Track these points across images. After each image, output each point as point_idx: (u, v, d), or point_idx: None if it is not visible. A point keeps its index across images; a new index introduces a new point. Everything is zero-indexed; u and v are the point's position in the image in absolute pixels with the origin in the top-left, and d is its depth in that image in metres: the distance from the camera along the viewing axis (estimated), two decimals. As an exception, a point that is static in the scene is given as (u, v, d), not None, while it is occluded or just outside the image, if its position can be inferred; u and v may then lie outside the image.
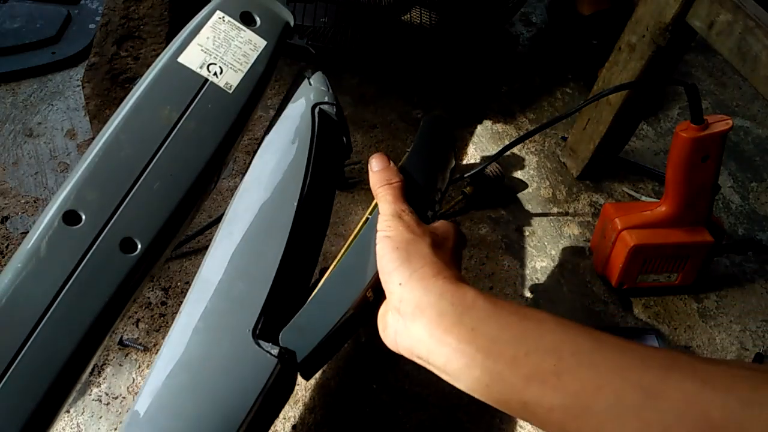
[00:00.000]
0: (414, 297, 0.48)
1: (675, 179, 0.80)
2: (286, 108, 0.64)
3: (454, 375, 0.46)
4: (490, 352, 0.44)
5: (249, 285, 0.53)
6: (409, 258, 0.51)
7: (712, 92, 1.21)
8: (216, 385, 0.49)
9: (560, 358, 0.41)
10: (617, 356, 0.40)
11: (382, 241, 0.53)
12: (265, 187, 0.58)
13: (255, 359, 0.50)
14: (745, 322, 0.88)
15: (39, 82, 1.09)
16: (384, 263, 0.52)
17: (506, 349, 0.43)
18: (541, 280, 0.91)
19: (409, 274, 0.50)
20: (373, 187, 0.58)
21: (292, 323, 0.53)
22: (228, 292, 0.53)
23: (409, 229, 0.54)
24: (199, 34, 0.56)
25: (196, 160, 0.52)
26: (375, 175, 0.59)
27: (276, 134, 0.62)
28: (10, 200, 0.92)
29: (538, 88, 1.18)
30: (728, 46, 0.72)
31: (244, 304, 0.53)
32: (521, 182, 1.03)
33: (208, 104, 0.53)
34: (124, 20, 1.00)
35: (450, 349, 0.45)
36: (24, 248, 0.45)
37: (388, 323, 0.52)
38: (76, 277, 0.45)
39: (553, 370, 0.41)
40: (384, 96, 1.13)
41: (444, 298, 0.47)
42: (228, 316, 0.52)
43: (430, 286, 0.48)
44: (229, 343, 0.51)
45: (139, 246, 0.48)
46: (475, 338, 0.44)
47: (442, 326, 0.46)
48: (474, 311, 0.46)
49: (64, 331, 0.44)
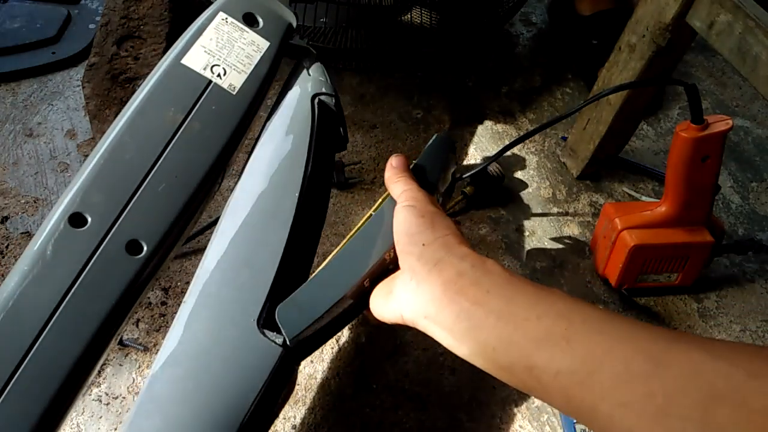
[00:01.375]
0: (435, 256, 0.49)
1: (675, 179, 0.80)
2: (285, 98, 0.64)
3: (459, 337, 0.46)
4: (501, 314, 0.44)
5: (253, 273, 0.54)
6: (434, 224, 0.51)
7: (712, 92, 1.21)
8: (221, 373, 0.49)
9: (571, 323, 0.42)
10: (626, 326, 0.41)
11: (405, 209, 0.53)
12: (266, 177, 0.58)
13: (259, 348, 0.50)
14: (745, 322, 0.88)
15: (39, 82, 1.09)
16: (407, 226, 0.52)
17: (519, 311, 0.44)
18: (541, 280, 0.91)
19: (434, 238, 0.50)
20: (392, 178, 0.59)
21: (289, 299, 0.53)
22: (232, 281, 0.53)
23: (433, 203, 0.55)
24: (202, 35, 0.56)
25: (200, 161, 0.52)
26: (391, 169, 0.59)
27: (276, 124, 0.62)
28: (10, 200, 0.92)
29: (538, 88, 1.19)
30: (728, 46, 0.72)
31: (248, 292, 0.53)
32: (521, 182, 1.03)
33: (212, 105, 0.53)
34: (124, 20, 1.00)
35: (461, 308, 0.45)
36: (30, 251, 0.45)
37: (396, 287, 0.52)
38: (82, 280, 0.45)
39: (564, 334, 0.41)
40: (384, 96, 1.13)
41: (465, 260, 0.48)
42: (232, 305, 0.52)
43: (454, 249, 0.49)
44: (233, 332, 0.51)
45: (144, 248, 0.48)
46: (489, 300, 0.45)
47: (458, 285, 0.46)
48: (492, 276, 0.47)
49: (71, 334, 0.44)
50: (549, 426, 0.75)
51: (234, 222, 0.56)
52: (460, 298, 0.46)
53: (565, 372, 0.40)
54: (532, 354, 0.42)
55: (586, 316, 0.42)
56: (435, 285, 0.47)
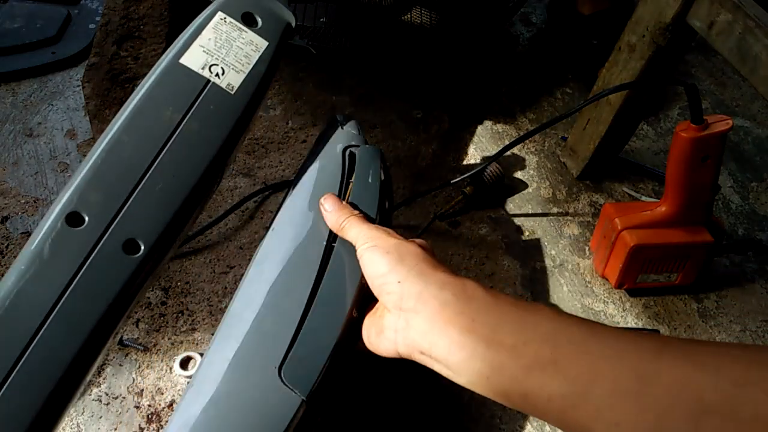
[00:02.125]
0: (415, 290, 0.49)
1: (675, 179, 0.80)
2: (320, 151, 0.67)
3: (455, 368, 0.46)
4: (490, 342, 0.44)
5: (278, 321, 0.54)
6: (402, 258, 0.51)
7: (712, 92, 1.21)
8: (242, 421, 0.50)
9: (557, 345, 0.42)
10: (611, 342, 0.41)
11: (369, 250, 0.53)
12: (298, 225, 0.60)
13: (280, 397, 0.51)
14: (745, 322, 0.88)
15: (39, 82, 1.09)
16: (376, 268, 0.52)
17: (506, 339, 0.43)
18: (541, 280, 0.91)
19: (407, 271, 0.50)
20: (336, 224, 0.59)
21: (289, 359, 0.53)
22: (257, 328, 0.54)
23: (393, 235, 0.55)
24: (200, 35, 0.56)
25: (198, 161, 0.52)
26: (333, 213, 0.60)
27: (308, 176, 0.64)
28: (10, 200, 0.92)
29: (538, 88, 1.18)
30: (728, 46, 0.72)
31: (272, 340, 0.53)
32: (521, 182, 1.03)
33: (210, 105, 0.53)
34: (124, 20, 1.00)
35: (451, 341, 0.45)
36: (27, 250, 0.45)
37: (386, 326, 0.52)
38: (79, 279, 0.45)
39: (551, 357, 0.41)
40: (384, 96, 1.13)
41: (445, 288, 0.48)
42: (256, 352, 0.53)
43: (431, 278, 0.49)
44: (256, 380, 0.51)
45: (142, 247, 0.48)
46: (475, 328, 0.45)
47: (443, 317, 0.46)
48: (474, 302, 0.46)
49: (68, 333, 0.44)
50: (549, 426, 0.75)
51: (263, 269, 0.57)
52: (448, 329, 0.46)
53: (557, 396, 0.41)
54: (524, 381, 0.42)
55: (572, 336, 0.42)
56: (422, 320, 0.47)
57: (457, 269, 0.90)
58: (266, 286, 0.56)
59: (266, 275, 0.57)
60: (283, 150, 1.01)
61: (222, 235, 0.90)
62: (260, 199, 0.95)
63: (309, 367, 0.52)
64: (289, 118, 1.06)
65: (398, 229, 0.94)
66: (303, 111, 1.08)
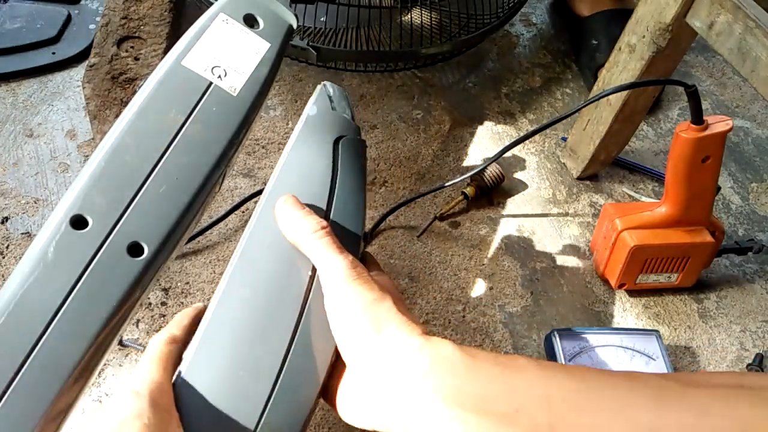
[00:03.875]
0: (391, 360, 0.44)
1: (675, 180, 0.80)
2: (308, 141, 0.58)
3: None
4: (480, 412, 0.41)
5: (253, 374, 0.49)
6: (377, 319, 0.46)
7: (712, 93, 1.21)
8: None
9: (551, 406, 0.39)
10: (608, 392, 0.39)
11: (340, 305, 0.48)
12: (276, 245, 0.53)
13: None
14: (745, 323, 0.88)
15: (39, 82, 1.09)
16: (347, 330, 0.47)
17: (496, 407, 0.40)
18: (541, 280, 0.91)
19: (383, 339, 0.45)
20: (298, 236, 0.51)
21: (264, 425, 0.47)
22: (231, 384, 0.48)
23: (369, 285, 0.48)
24: (202, 37, 0.56)
25: (201, 163, 0.52)
26: (293, 221, 0.51)
27: (292, 174, 0.56)
28: (11, 200, 0.92)
29: (538, 88, 1.19)
30: (728, 46, 0.72)
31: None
32: (521, 183, 1.03)
33: (212, 107, 0.53)
34: (124, 20, 1.00)
35: (438, 416, 0.42)
36: (32, 252, 0.45)
37: (363, 399, 0.47)
38: (84, 282, 0.45)
39: (548, 422, 0.39)
40: (384, 96, 1.13)
41: (422, 353, 0.44)
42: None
43: (408, 343, 0.45)
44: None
45: (146, 250, 0.48)
46: (463, 399, 0.41)
47: (425, 388, 0.43)
48: (454, 366, 0.43)
49: (73, 336, 0.44)
50: None
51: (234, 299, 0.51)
52: (433, 403, 0.42)
53: None
54: None
55: (565, 392, 0.40)
56: (402, 395, 0.43)
57: (457, 269, 0.90)
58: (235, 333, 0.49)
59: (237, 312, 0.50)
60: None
61: (222, 236, 0.90)
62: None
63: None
64: (290, 118, 1.06)
65: (398, 229, 0.94)
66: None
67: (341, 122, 0.60)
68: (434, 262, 0.91)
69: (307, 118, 0.60)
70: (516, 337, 0.85)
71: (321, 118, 0.60)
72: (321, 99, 0.62)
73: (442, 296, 0.88)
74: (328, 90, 0.63)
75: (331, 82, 0.65)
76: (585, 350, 0.80)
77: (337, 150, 0.58)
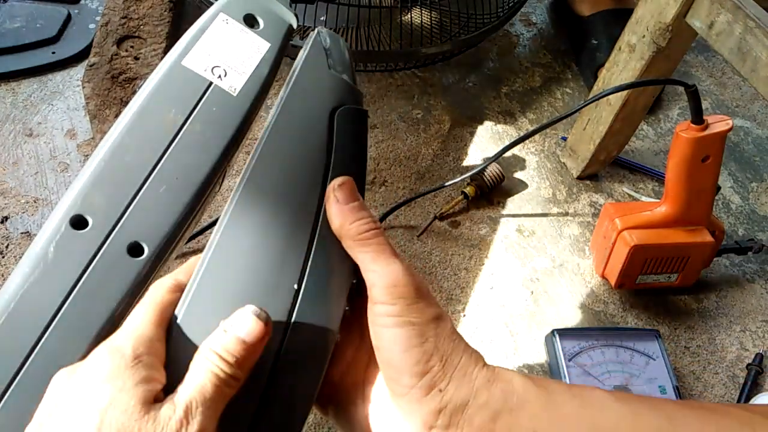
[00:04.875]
0: (457, 401, 0.39)
1: (675, 180, 0.80)
2: (303, 107, 0.49)
3: None
4: None
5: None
6: (440, 347, 0.40)
7: (712, 92, 1.21)
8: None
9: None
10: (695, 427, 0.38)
11: (400, 326, 0.40)
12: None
13: None
14: (745, 323, 0.88)
15: (39, 82, 1.09)
16: (406, 358, 0.40)
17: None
18: (541, 280, 0.91)
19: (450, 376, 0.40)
20: (349, 232, 0.43)
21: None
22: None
23: (430, 305, 0.41)
24: (202, 37, 0.56)
25: (201, 163, 0.51)
26: (344, 212, 0.43)
27: (283, 144, 0.49)
28: (10, 200, 0.92)
29: (538, 88, 1.19)
30: (728, 46, 0.72)
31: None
32: (521, 182, 1.03)
33: (212, 107, 0.53)
34: (124, 20, 1.00)
35: None
36: (32, 252, 0.45)
37: (391, 419, 0.42)
38: (84, 282, 0.45)
39: None
40: (384, 96, 1.13)
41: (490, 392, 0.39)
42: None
43: (472, 380, 0.40)
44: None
45: (146, 250, 0.48)
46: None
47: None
48: (529, 405, 0.39)
49: (73, 336, 0.44)
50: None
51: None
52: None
53: None
54: None
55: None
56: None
57: (457, 269, 0.90)
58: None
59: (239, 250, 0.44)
60: (283, 150, 1.01)
61: (223, 236, 0.90)
62: (261, 200, 0.95)
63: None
64: (290, 118, 1.05)
65: (398, 229, 0.94)
66: (303, 111, 1.08)
67: (340, 87, 0.48)
68: (434, 262, 0.91)
69: (295, 81, 0.49)
70: (516, 337, 0.85)
71: (313, 82, 0.49)
72: (314, 54, 0.50)
73: (442, 296, 0.88)
74: (323, 39, 0.49)
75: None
76: (585, 350, 0.80)
77: (334, 124, 0.47)
